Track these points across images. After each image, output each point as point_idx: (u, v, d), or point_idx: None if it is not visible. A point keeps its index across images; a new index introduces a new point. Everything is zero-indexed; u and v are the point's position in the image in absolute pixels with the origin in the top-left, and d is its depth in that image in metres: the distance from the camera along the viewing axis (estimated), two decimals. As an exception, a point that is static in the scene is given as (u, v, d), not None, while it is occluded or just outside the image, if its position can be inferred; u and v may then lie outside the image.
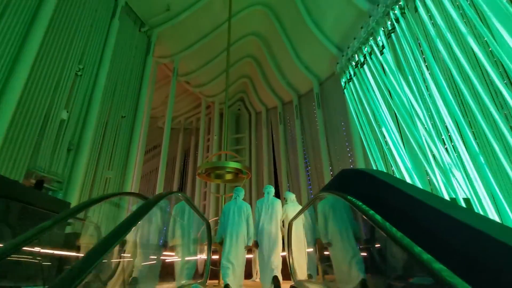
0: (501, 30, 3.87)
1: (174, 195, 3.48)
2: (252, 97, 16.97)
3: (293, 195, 5.83)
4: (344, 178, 2.59)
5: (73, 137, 8.20)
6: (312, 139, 12.78)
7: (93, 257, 1.17)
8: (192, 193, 16.43)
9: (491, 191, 4.05)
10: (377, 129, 7.45)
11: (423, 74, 5.71)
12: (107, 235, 1.39)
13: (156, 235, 4.04)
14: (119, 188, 9.86)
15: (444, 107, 5.19)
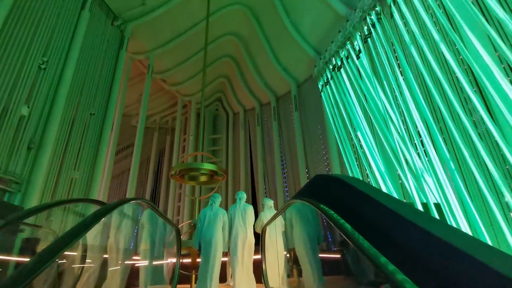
0: (471, 37, 3.98)
1: (141, 201, 3.21)
2: (230, 98, 16.77)
3: (271, 201, 5.67)
4: (317, 185, 2.49)
5: (35, 135, 7.62)
6: (289, 141, 12.79)
7: (31, 268, 0.99)
8: (166, 194, 15.94)
9: (460, 196, 4.15)
10: (353, 133, 7.53)
11: (397, 79, 5.82)
12: (49, 245, 1.20)
13: (124, 242, 3.88)
14: (86, 189, 9.31)
15: (416, 112, 5.30)
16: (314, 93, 11.30)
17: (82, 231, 1.51)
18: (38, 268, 1.01)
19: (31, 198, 7.08)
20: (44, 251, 1.13)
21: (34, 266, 1.06)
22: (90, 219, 1.71)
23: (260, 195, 13.38)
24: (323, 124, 10.27)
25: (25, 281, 0.91)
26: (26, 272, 1.02)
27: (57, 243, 1.29)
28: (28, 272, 1.02)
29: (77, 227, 1.56)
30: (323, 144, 10.28)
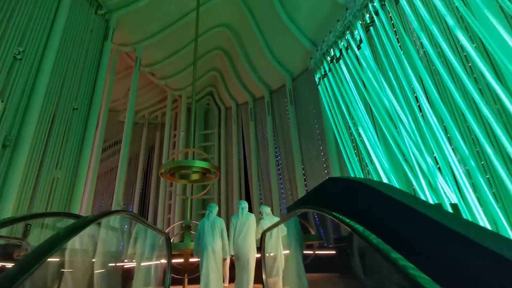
0: (494, 23, 3.60)
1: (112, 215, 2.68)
2: (221, 92, 16.23)
3: (269, 208, 5.64)
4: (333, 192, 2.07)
5: (10, 132, 7.00)
6: (284, 137, 12.40)
7: None
8: (157, 193, 15.39)
9: (482, 196, 3.83)
10: (353, 127, 7.16)
11: (404, 69, 5.44)
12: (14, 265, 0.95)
13: (111, 251, 3.97)
14: (69, 189, 8.72)
15: (428, 106, 4.94)
16: (310, 86, 10.90)
17: (47, 252, 1.12)
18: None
19: (6, 201, 6.50)
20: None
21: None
22: (61, 236, 1.33)
23: (254, 192, 12.99)
24: (320, 119, 9.91)
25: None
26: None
27: (23, 263, 1.03)
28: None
29: (44, 245, 1.19)
30: (320, 139, 9.92)
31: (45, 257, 1.16)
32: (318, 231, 3.07)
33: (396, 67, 5.63)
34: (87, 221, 1.67)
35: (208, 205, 5.38)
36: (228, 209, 14.20)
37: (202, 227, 4.95)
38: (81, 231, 1.55)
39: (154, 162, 16.63)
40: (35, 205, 7.45)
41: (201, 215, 14.39)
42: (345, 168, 8.24)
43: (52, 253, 1.17)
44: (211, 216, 5.09)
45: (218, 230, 4.88)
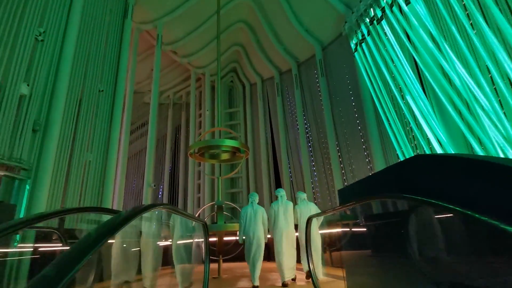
0: None
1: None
2: (245, 67, 15.54)
3: (304, 194, 6.02)
4: (440, 176, 1.52)
5: (39, 116, 6.93)
6: (314, 112, 11.67)
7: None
8: (185, 173, 15.44)
9: None
10: (399, 97, 6.36)
11: (475, 21, 4.51)
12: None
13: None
14: (101, 172, 8.75)
15: (493, 66, 4.10)
16: (344, 54, 9.98)
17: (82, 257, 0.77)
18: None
19: (41, 185, 6.53)
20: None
21: None
22: (91, 242, 0.97)
23: (284, 171, 12.56)
24: (356, 90, 9.07)
25: None
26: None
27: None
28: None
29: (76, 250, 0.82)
30: (357, 112, 9.14)
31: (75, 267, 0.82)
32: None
33: (458, 23, 4.70)
34: (119, 221, 1.28)
35: (250, 194, 5.79)
36: (257, 188, 13.96)
37: (246, 215, 5.40)
38: (113, 234, 1.17)
39: (181, 142, 16.60)
40: (69, 188, 7.51)
41: (230, 194, 14.32)
42: (388, 143, 7.52)
43: (84, 260, 0.84)
44: (254, 204, 5.52)
45: (260, 218, 5.35)
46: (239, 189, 14.24)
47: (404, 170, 1.86)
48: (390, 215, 2.30)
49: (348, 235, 3.14)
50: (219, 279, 6.98)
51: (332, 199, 9.95)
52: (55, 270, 0.72)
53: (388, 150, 7.46)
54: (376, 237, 2.44)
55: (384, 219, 2.34)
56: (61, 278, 0.70)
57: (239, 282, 6.35)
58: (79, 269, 0.76)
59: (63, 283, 0.68)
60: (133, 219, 1.36)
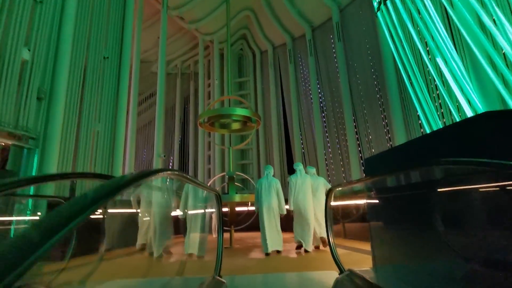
0: None
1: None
2: (256, 34, 14.72)
3: (314, 169, 6.28)
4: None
5: (43, 83, 6.66)
6: (329, 80, 11.05)
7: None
8: (195, 144, 15.29)
9: None
10: (428, 60, 5.77)
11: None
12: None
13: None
14: (110, 143, 8.60)
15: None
16: (364, 16, 9.19)
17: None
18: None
19: (50, 154, 6.41)
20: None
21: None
22: (88, 202, 0.67)
23: (296, 143, 12.22)
24: (377, 55, 8.41)
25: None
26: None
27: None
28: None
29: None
30: (377, 79, 8.54)
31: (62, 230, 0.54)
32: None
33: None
34: (122, 183, 1.00)
35: (265, 167, 6.11)
36: (268, 160, 13.76)
37: (260, 187, 5.64)
38: (113, 196, 0.90)
39: (191, 113, 16.31)
40: (79, 159, 7.40)
41: (241, 166, 14.20)
42: (410, 113, 7.03)
43: (74, 224, 0.64)
44: (269, 177, 5.75)
45: (274, 189, 5.58)
46: (249, 161, 14.08)
47: (466, 130, 1.50)
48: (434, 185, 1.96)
49: (375, 207, 2.85)
50: (231, 249, 6.96)
51: (346, 171, 9.66)
52: (38, 232, 0.55)
53: (410, 120, 6.98)
54: (413, 211, 2.13)
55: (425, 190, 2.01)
56: (44, 242, 0.54)
57: (251, 252, 6.30)
58: (68, 233, 0.59)
59: (48, 247, 0.54)
60: (138, 182, 1.09)
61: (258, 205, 5.61)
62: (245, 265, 4.70)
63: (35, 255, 0.52)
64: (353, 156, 8.90)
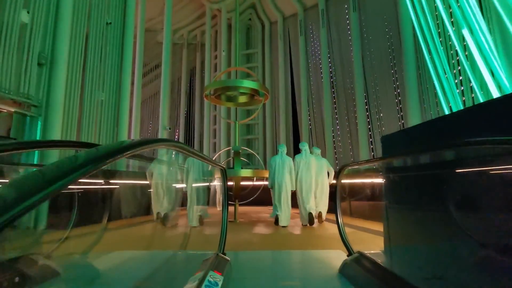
0: None
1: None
2: (266, 3, 13.96)
3: (319, 150, 6.55)
4: None
5: (44, 48, 6.41)
6: (341, 54, 10.53)
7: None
8: (201, 117, 15.10)
9: None
10: (452, 31, 5.34)
11: None
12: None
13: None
14: (114, 112, 8.45)
15: None
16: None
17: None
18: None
19: (53, 122, 6.28)
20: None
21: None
22: (77, 165, 0.49)
23: (304, 119, 11.93)
24: (395, 28, 7.89)
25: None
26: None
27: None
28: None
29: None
30: (393, 53, 8.08)
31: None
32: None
33: None
34: (117, 148, 0.83)
35: (279, 146, 6.33)
36: (275, 135, 13.56)
37: (275, 164, 5.92)
38: (105, 161, 0.73)
39: (197, 85, 15.96)
40: (83, 128, 7.30)
41: (246, 140, 14.05)
42: (427, 90, 6.66)
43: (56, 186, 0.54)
44: (283, 155, 6.00)
45: (288, 167, 5.87)
46: (255, 136, 13.91)
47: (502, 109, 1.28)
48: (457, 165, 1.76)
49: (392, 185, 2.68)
50: (236, 223, 6.98)
51: (354, 149, 9.45)
52: (14, 193, 0.46)
53: (426, 98, 6.63)
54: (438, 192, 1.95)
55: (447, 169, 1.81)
56: (18, 203, 0.44)
57: (255, 227, 6.29)
58: (49, 196, 0.49)
59: (21, 210, 0.44)
60: (136, 150, 0.92)
61: (272, 182, 5.91)
62: (249, 240, 4.66)
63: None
64: (362, 134, 8.64)
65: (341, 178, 3.46)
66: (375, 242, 4.31)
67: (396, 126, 7.82)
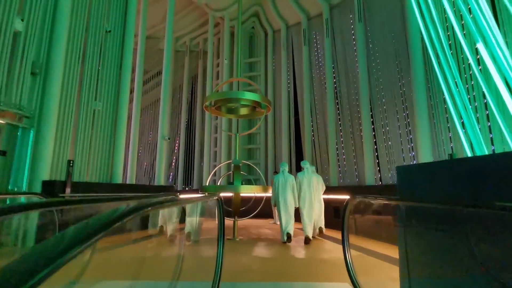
0: None
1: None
2: (269, 11, 13.81)
3: (314, 167, 7.25)
4: None
5: (39, 57, 6.19)
6: (346, 65, 10.27)
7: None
8: (202, 125, 14.84)
9: None
10: (466, 44, 5.06)
11: None
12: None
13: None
14: (112, 123, 8.19)
15: None
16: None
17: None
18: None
19: (46, 134, 6.03)
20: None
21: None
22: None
23: (306, 131, 11.64)
24: (402, 40, 7.62)
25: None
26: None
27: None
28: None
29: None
30: (400, 65, 7.79)
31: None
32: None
33: None
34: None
35: (281, 164, 6.73)
36: (275, 146, 13.27)
37: (278, 183, 6.34)
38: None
39: (198, 93, 15.73)
40: (78, 139, 7.04)
41: (248, 150, 13.75)
42: (437, 107, 6.37)
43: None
44: (285, 173, 6.42)
45: (290, 186, 6.29)
46: (257, 146, 13.61)
47: None
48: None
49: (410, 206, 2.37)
50: (234, 241, 6.64)
51: (358, 164, 9.12)
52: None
53: (436, 115, 6.32)
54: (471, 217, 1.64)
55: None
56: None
57: (255, 247, 5.96)
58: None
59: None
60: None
61: (276, 200, 6.35)
62: (248, 267, 4.33)
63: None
64: (368, 148, 8.31)
65: (348, 211, 3.15)
66: (387, 271, 3.97)
67: (404, 141, 7.50)
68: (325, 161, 10.68)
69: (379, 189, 7.29)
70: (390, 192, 6.57)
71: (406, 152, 7.40)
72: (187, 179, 14.95)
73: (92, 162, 7.33)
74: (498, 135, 4.96)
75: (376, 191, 7.22)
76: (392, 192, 6.48)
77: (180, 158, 14.85)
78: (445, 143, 6.11)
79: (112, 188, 7.39)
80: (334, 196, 8.89)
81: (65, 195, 5.92)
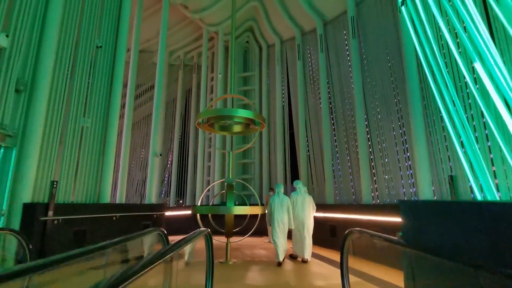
0: None
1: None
2: (263, 26, 13.86)
3: (305, 187, 7.26)
4: None
5: (24, 73, 5.96)
6: (340, 80, 10.22)
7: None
8: (196, 141, 14.61)
9: None
10: (463, 64, 4.98)
11: None
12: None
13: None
14: (101, 139, 7.93)
15: None
16: (385, 10, 8.33)
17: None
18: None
19: (29, 153, 5.73)
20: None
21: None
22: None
23: (301, 146, 11.48)
24: (397, 56, 7.59)
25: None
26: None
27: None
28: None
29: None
30: (395, 82, 7.73)
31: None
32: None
33: None
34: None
35: (276, 185, 6.93)
36: (270, 162, 13.06)
37: (274, 203, 6.54)
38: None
39: (192, 107, 15.55)
40: (64, 159, 6.74)
41: (242, 165, 13.53)
42: (433, 123, 6.26)
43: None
44: (280, 194, 6.65)
45: (285, 207, 6.50)
46: (251, 160, 13.39)
47: None
48: None
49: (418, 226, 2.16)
50: (227, 264, 6.33)
51: (355, 180, 8.93)
52: None
53: (433, 131, 6.20)
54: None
55: None
56: None
57: (249, 272, 5.66)
58: None
59: None
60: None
61: (272, 220, 6.53)
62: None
63: None
64: (364, 165, 8.15)
65: (348, 243, 2.94)
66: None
67: (401, 158, 7.36)
68: (320, 176, 10.48)
69: (377, 208, 7.08)
70: (388, 212, 6.36)
71: (403, 170, 7.24)
72: (180, 195, 14.58)
73: (78, 181, 7.02)
74: (498, 156, 4.83)
75: (374, 210, 7.00)
76: (390, 212, 6.26)
77: (173, 173, 14.51)
78: (443, 162, 5.97)
79: (98, 209, 7.06)
80: (330, 214, 8.66)
81: (47, 218, 5.59)
